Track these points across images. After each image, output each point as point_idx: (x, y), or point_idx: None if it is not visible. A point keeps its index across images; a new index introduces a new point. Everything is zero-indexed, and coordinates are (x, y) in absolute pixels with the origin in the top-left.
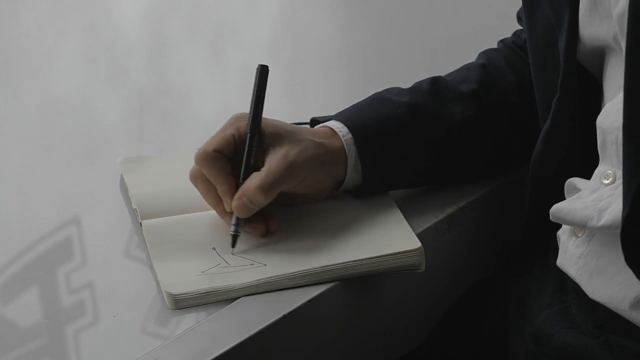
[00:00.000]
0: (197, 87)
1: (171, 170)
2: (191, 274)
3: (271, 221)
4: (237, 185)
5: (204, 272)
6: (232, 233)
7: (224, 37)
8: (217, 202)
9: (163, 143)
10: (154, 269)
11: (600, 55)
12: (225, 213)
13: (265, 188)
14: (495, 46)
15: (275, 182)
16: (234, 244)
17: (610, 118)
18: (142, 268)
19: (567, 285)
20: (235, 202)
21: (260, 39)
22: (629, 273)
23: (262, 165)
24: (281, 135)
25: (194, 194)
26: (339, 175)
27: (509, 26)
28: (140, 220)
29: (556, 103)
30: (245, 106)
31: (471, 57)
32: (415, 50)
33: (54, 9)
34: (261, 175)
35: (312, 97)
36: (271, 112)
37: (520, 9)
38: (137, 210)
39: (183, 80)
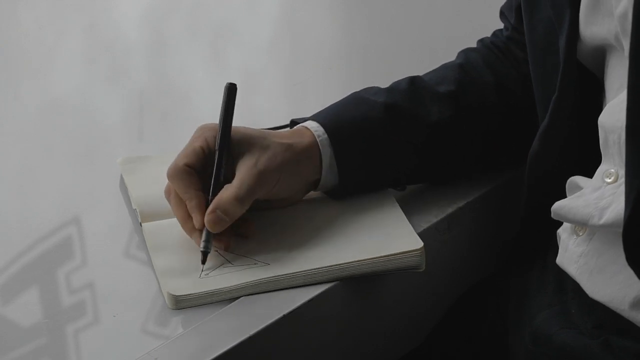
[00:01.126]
0: (197, 87)
1: None
2: (194, 275)
3: (249, 225)
4: (207, 201)
5: (207, 273)
6: (202, 250)
7: (224, 37)
8: (186, 219)
9: (163, 143)
10: (155, 271)
11: (601, 54)
12: (193, 230)
13: (240, 199)
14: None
15: (250, 192)
16: (204, 261)
17: (612, 117)
18: (142, 268)
19: (566, 285)
20: (208, 217)
21: (260, 39)
22: (629, 272)
23: (232, 175)
24: (248, 142)
25: None
26: (312, 174)
27: None
28: (140, 222)
29: (555, 101)
30: (244, 106)
31: None
32: (415, 50)
33: (54, 9)
34: (235, 187)
35: (312, 97)
36: (271, 112)
37: (505, 3)
38: (137, 211)
39: (183, 80)
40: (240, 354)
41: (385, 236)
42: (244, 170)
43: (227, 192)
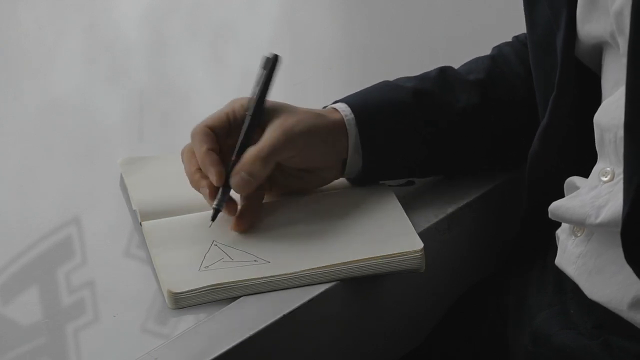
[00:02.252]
0: (197, 87)
1: (171, 171)
2: (193, 271)
3: (252, 216)
4: (231, 164)
5: (207, 267)
6: (215, 207)
7: (224, 37)
8: (193, 172)
9: (163, 143)
10: (155, 269)
11: (598, 52)
12: (199, 183)
13: (262, 157)
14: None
15: (273, 151)
16: (213, 218)
17: (608, 115)
18: (142, 268)
19: (565, 285)
20: (233, 179)
21: (260, 39)
22: (628, 273)
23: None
24: (278, 109)
25: (194, 194)
26: (343, 148)
27: (509, 26)
28: (140, 221)
29: (553, 100)
30: None
31: (471, 56)
32: (415, 50)
33: (54, 9)
34: (258, 145)
35: (312, 97)
36: None
37: None
38: (137, 212)
39: (183, 80)
40: (240, 354)
41: (386, 235)
42: (270, 129)
43: (250, 151)
